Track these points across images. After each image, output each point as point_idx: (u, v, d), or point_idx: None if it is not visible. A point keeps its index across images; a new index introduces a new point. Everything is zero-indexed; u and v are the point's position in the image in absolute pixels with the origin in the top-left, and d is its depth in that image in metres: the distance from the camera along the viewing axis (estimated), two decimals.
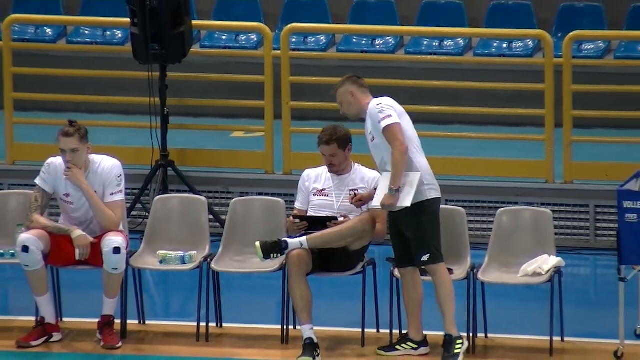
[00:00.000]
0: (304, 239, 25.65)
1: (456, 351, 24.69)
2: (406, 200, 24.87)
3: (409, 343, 24.92)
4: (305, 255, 25.51)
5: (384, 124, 24.81)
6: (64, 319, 27.02)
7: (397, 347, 25.26)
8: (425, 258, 24.58)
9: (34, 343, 26.29)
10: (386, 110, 25.03)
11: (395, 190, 25.38)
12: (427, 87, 32.36)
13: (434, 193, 25.33)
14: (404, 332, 25.49)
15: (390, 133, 24.72)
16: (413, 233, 24.84)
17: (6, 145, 32.43)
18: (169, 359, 26.98)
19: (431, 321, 25.67)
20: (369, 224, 25.56)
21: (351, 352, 26.09)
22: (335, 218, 26.34)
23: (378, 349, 25.76)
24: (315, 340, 25.33)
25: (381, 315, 26.24)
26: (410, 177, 25.46)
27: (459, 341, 24.73)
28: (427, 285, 25.52)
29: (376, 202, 25.28)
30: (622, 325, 25.83)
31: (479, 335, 26.41)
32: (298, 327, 25.96)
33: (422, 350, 25.21)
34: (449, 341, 24.74)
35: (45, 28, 33.36)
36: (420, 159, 25.78)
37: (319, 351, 25.48)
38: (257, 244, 25.69)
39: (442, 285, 24.53)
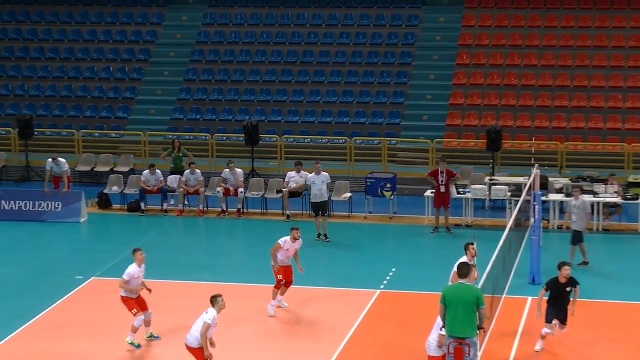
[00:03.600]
0: (286, 189, 25.27)
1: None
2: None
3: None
4: (287, 192, 25.30)
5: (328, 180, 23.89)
6: (229, 209, 26.14)
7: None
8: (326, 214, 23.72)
9: (222, 217, 25.87)
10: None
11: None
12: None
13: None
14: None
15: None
16: (325, 208, 23.59)
17: (211, 164, 28.91)
18: (256, 220, 25.99)
19: None
20: (305, 185, 24.54)
21: (300, 217, 25.32)
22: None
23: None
24: (290, 215, 25.34)
25: (306, 209, 25.36)
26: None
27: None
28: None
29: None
30: (367, 209, 25.73)
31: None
32: (285, 211, 25.56)
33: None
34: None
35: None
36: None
37: (291, 218, 25.19)
38: (275, 190, 25.96)
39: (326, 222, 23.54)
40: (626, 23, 31.66)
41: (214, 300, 15.26)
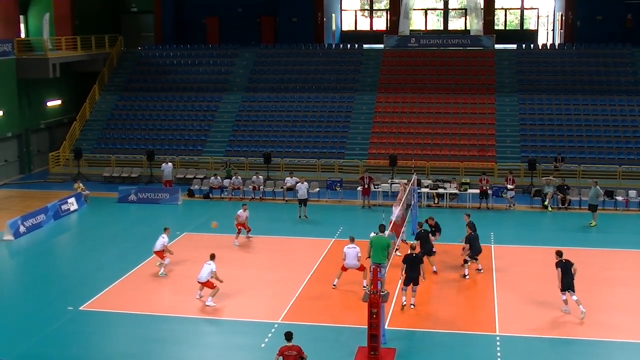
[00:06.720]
0: (285, 186, 24.31)
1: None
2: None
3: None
4: (286, 188, 24.25)
5: None
6: (255, 197, 25.09)
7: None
8: (306, 205, 21.60)
9: (252, 201, 24.94)
10: None
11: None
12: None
13: None
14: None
15: None
16: (306, 202, 21.69)
17: (246, 174, 29.00)
18: (269, 203, 24.78)
19: None
20: (295, 185, 23.33)
21: (293, 201, 24.05)
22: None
23: None
24: (287, 200, 24.24)
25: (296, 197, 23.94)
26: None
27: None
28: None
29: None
30: (327, 197, 25.06)
31: None
32: (284, 198, 24.71)
33: None
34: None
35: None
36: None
37: (288, 202, 24.19)
38: (280, 187, 24.80)
39: None
40: (460, 100, 31.26)
41: (212, 256, 14.79)
